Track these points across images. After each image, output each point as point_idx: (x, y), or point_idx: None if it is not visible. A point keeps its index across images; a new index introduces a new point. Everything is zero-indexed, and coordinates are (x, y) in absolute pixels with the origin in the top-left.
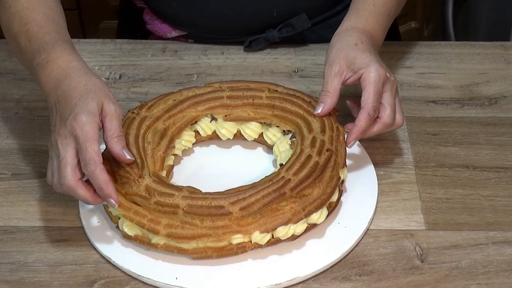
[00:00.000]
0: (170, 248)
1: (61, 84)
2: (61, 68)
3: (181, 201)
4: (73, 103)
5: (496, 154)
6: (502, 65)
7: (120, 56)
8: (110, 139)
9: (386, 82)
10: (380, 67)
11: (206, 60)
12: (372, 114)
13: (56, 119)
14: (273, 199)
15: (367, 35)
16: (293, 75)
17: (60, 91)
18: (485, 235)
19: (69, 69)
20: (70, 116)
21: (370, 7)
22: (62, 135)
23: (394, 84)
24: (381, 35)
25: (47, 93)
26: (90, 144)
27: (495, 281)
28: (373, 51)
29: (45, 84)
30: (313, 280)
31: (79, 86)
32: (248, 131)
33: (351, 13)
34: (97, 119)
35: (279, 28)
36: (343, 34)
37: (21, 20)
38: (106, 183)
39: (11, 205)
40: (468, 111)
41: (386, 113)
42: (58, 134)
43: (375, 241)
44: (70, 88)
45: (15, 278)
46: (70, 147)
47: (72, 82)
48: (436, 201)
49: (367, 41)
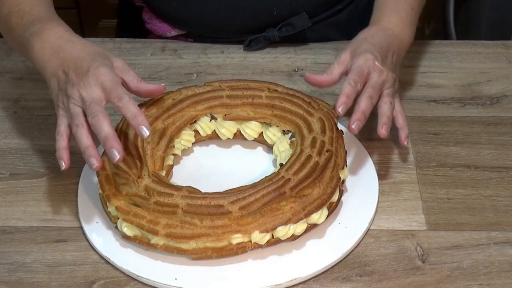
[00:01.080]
0: (170, 248)
1: (63, 48)
2: (59, 35)
3: (180, 201)
4: (88, 59)
5: (498, 154)
6: (503, 64)
7: (119, 55)
8: (138, 84)
9: (372, 69)
10: (371, 56)
11: (205, 59)
12: (353, 84)
13: (69, 77)
14: (273, 199)
15: (386, 32)
16: (293, 74)
17: (65, 53)
18: (487, 235)
19: (68, 35)
20: (91, 68)
21: (391, 5)
22: (87, 85)
23: (383, 75)
24: (408, 31)
25: (45, 58)
26: (119, 85)
27: (496, 281)
28: (383, 47)
29: (40, 50)
30: (313, 281)
31: (86, 47)
32: (248, 131)
33: (374, 13)
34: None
35: (279, 27)
36: (363, 30)
37: (12, 1)
38: (140, 112)
39: (9, 205)
40: (470, 110)
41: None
42: (81, 85)
43: (376, 242)
44: (78, 49)
45: (14, 278)
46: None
47: (76, 44)
48: (438, 201)
49: (381, 37)
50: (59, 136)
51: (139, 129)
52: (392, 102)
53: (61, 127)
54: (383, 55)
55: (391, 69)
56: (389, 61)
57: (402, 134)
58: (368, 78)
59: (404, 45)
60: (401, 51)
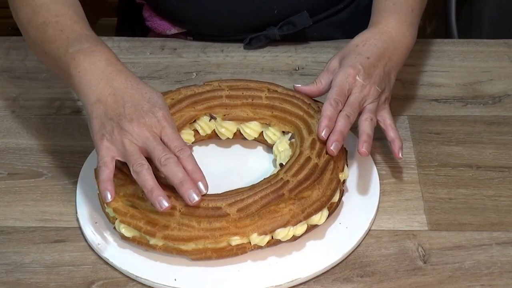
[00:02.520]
0: (169, 249)
1: (117, 77)
2: (111, 62)
3: (178, 203)
4: (147, 98)
5: (500, 153)
6: (506, 63)
7: (118, 54)
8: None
9: (353, 85)
10: (352, 72)
11: (205, 58)
12: (334, 104)
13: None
14: (271, 201)
15: (382, 37)
16: (294, 73)
17: (119, 83)
18: (489, 235)
19: (120, 66)
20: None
21: (390, 7)
22: (149, 124)
23: (365, 91)
24: (408, 33)
25: (92, 82)
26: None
27: (499, 282)
28: (373, 55)
29: (88, 72)
30: (314, 282)
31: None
32: (248, 130)
33: (372, 15)
34: None
35: (279, 26)
36: (359, 34)
37: (49, 11)
38: (199, 169)
39: (8, 205)
40: (472, 109)
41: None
42: (141, 123)
43: (377, 242)
44: (133, 85)
45: (12, 279)
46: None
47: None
48: (439, 201)
49: (374, 43)
50: (105, 168)
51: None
52: (374, 118)
53: (107, 159)
54: (370, 65)
55: (378, 80)
56: (377, 71)
57: (395, 147)
58: (349, 94)
59: (404, 48)
60: (398, 55)
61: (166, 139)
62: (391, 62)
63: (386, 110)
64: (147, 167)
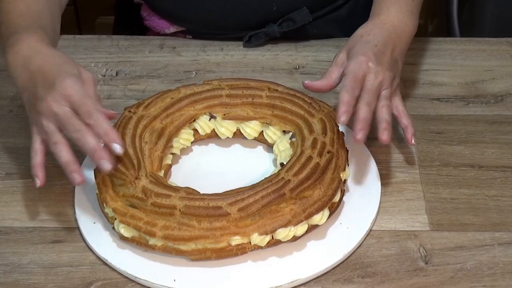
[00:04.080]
0: (168, 249)
1: (32, 60)
2: (30, 47)
3: (178, 202)
4: (54, 70)
5: (502, 153)
6: (508, 61)
7: (116, 52)
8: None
9: (367, 72)
10: (364, 59)
11: (205, 56)
12: (350, 91)
13: (38, 91)
14: (272, 200)
15: (385, 26)
16: (294, 72)
17: (33, 65)
18: (491, 236)
19: (39, 46)
20: (57, 81)
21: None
22: (54, 99)
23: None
24: (409, 21)
25: (16, 72)
26: (87, 97)
27: (501, 283)
28: (380, 42)
29: (13, 62)
30: (314, 282)
31: (55, 58)
32: (248, 130)
33: (373, 5)
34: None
35: (279, 23)
36: (361, 26)
37: (4, 10)
38: (112, 129)
39: (5, 206)
40: (474, 109)
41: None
42: (49, 101)
43: (378, 242)
44: (46, 61)
45: (10, 280)
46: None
47: (45, 56)
48: (441, 201)
49: (378, 32)
50: (34, 154)
51: (111, 146)
52: (390, 105)
53: (36, 144)
54: (379, 52)
55: (389, 66)
56: (386, 57)
57: (408, 133)
58: (364, 81)
59: (406, 36)
60: (402, 43)
61: (75, 107)
62: (396, 50)
63: (398, 97)
64: (63, 143)
